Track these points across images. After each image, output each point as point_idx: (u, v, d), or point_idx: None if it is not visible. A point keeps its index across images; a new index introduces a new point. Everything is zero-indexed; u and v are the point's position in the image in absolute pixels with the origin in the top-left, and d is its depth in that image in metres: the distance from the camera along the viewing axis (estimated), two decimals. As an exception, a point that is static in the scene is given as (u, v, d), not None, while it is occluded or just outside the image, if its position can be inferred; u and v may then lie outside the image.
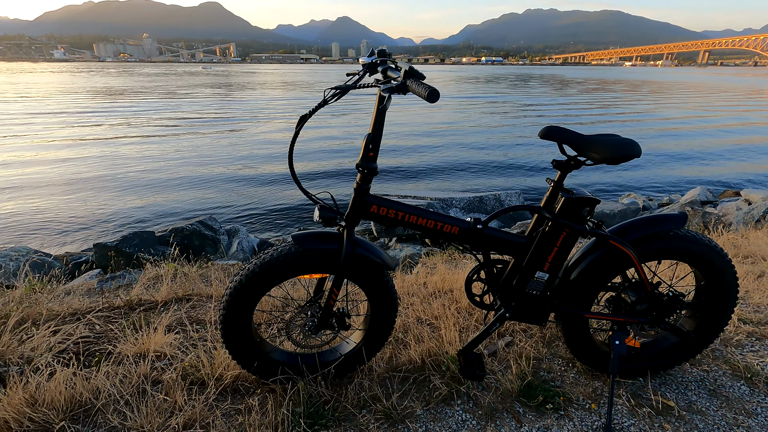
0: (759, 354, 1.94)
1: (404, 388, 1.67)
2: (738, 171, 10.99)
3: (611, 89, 43.03)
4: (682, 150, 13.39)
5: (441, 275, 2.74)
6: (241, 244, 5.00)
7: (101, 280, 3.15)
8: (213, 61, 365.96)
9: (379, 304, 1.60)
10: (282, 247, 1.47)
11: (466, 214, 6.07)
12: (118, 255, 4.19)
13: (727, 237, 3.88)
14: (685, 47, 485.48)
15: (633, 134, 16.36)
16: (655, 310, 1.61)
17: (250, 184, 9.11)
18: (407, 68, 1.22)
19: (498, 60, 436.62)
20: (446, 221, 1.49)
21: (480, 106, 26.07)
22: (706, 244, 1.54)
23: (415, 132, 15.67)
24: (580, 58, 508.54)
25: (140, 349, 1.86)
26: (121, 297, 2.53)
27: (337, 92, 1.31)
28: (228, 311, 1.48)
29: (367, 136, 1.33)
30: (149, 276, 2.98)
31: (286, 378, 1.61)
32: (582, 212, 1.47)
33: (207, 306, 2.38)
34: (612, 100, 30.36)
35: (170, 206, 7.70)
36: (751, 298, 2.50)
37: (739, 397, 1.67)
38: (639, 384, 1.73)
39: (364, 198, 1.42)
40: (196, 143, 13.41)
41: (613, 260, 1.54)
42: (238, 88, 41.28)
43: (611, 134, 1.44)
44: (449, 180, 9.77)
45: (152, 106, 23.62)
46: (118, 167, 10.34)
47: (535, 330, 2.09)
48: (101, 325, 2.14)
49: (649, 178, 10.25)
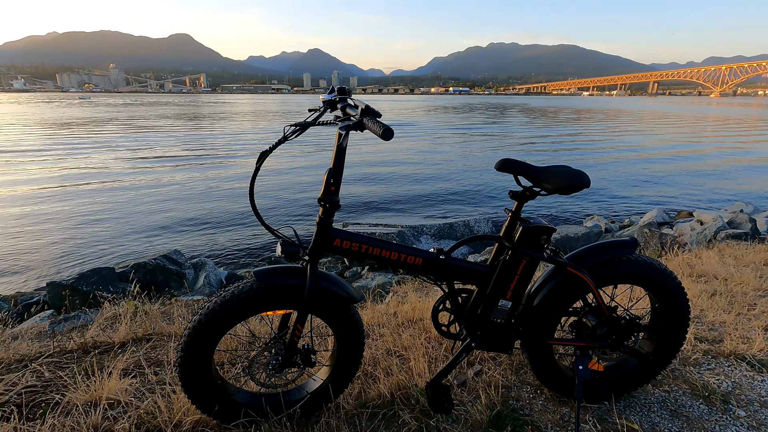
0: (715, 372, 2.02)
1: (373, 425, 1.63)
2: (690, 192, 11.69)
3: (579, 117, 45.33)
4: (640, 173, 14.14)
5: (411, 304, 2.73)
6: (208, 277, 4.85)
7: (53, 322, 2.97)
8: (183, 91, 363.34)
9: (345, 339, 1.58)
10: (243, 284, 1.44)
11: (437, 241, 6.14)
12: (74, 294, 3.97)
13: (683, 257, 4.07)
14: (636, 78, 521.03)
15: (594, 158, 17.24)
16: (614, 334, 1.65)
17: (218, 216, 8.92)
18: (364, 107, 1.25)
19: (465, 90, 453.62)
20: (409, 252, 1.50)
21: (462, 135, 26.79)
22: (656, 267, 1.61)
23: (390, 160, 15.91)
24: (542, 88, 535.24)
25: (92, 396, 1.74)
26: (74, 340, 2.38)
27: (297, 129, 1.33)
28: (186, 353, 1.42)
29: (328, 171, 1.34)
30: (107, 316, 2.83)
31: (249, 421, 1.55)
32: (540, 240, 1.52)
33: (168, 346, 2.27)
34: (575, 127, 31.94)
35: (132, 241, 7.41)
36: (706, 316, 2.61)
37: (698, 417, 1.71)
38: (604, 408, 1.75)
39: (327, 231, 1.42)
40: (158, 177, 13.06)
41: (572, 286, 1.58)
42: (203, 118, 40.95)
43: (563, 165, 1.51)
44: (420, 207, 9.89)
45: (113, 138, 23.07)
46: (76, 202, 9.93)
47: (503, 357, 2.10)
48: (50, 372, 2.00)
49: (610, 200, 10.73)
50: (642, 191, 11.82)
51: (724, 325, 2.50)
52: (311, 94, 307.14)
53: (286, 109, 62.90)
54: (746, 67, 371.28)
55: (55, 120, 35.15)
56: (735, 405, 1.78)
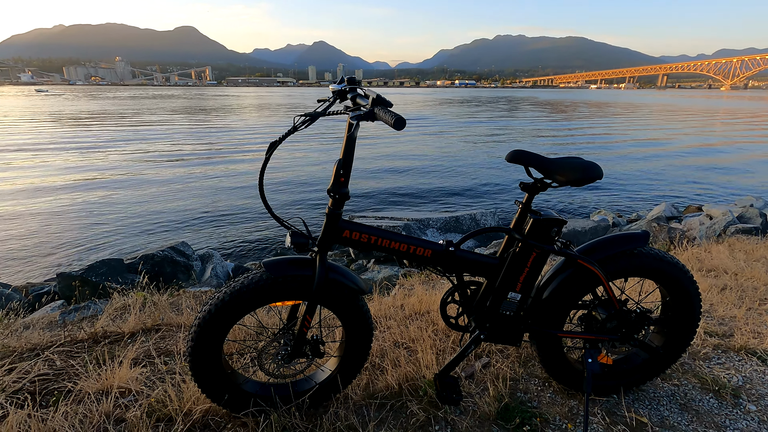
0: (725, 366, 2.00)
1: (381, 416, 1.64)
2: (699, 187, 11.55)
3: (587, 111, 44.85)
4: (649, 168, 13.99)
5: (418, 297, 2.73)
6: (215, 269, 4.88)
7: (64, 312, 3.00)
8: (188, 84, 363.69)
9: (354, 330, 1.58)
10: (253, 275, 1.44)
11: (443, 234, 6.13)
12: (84, 285, 4.01)
13: (692, 252, 4.04)
14: (645, 71, 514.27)
15: (601, 153, 17.07)
16: (624, 327, 1.64)
17: (225, 209, 8.95)
18: (375, 96, 1.24)
19: (471, 83, 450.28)
20: (419, 244, 1.49)
21: (469, 129, 26.59)
22: (668, 261, 1.59)
23: (396, 153, 15.86)
24: (549, 81, 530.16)
25: (103, 385, 1.76)
26: (84, 330, 2.41)
27: (307, 119, 1.32)
28: (197, 343, 1.43)
29: (337, 162, 1.34)
30: (116, 306, 2.86)
31: (259, 410, 1.56)
32: (550, 233, 1.51)
33: (177, 336, 2.29)
34: (582, 121, 31.62)
35: (141, 234, 7.47)
36: (716, 311, 2.59)
37: (708, 411, 1.70)
38: (613, 401, 1.74)
39: (337, 223, 1.42)
40: (165, 170, 13.11)
41: (582, 279, 1.57)
42: (210, 111, 40.97)
43: (575, 157, 1.49)
44: (427, 200, 9.87)
45: (121, 134, 23.18)
46: (87, 195, 10.01)
47: (512, 350, 2.09)
48: (62, 360, 2.02)
49: (618, 195, 10.63)
50: (650, 185, 11.70)
51: (735, 319, 2.48)
52: (316, 86, 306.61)
53: (292, 102, 62.78)
54: (758, 60, 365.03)
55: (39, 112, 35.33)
56: (746, 399, 1.77)
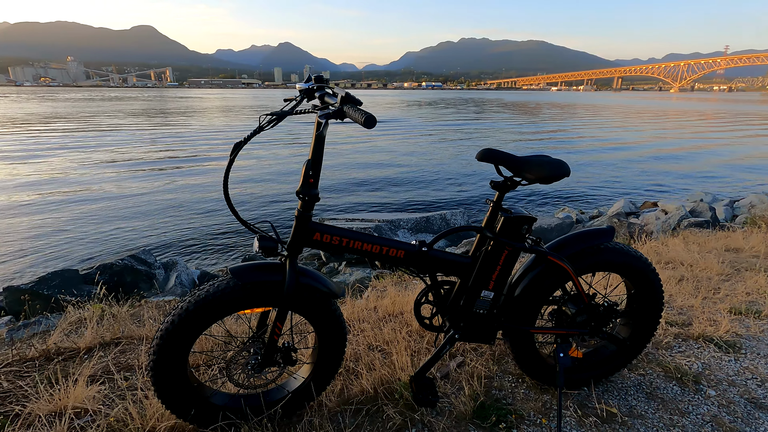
0: (686, 354, 2.09)
1: (357, 422, 1.60)
2: (653, 182, 12.19)
3: (549, 111, 46.35)
4: (606, 165, 14.62)
5: (391, 298, 2.71)
6: (180, 277, 4.68)
7: (12, 329, 2.79)
8: (147, 85, 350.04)
9: (327, 335, 1.53)
10: (219, 282, 1.38)
11: (414, 235, 6.15)
12: (34, 298, 3.75)
13: (650, 245, 4.22)
14: (602, 74, 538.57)
15: (565, 149, 17.70)
16: (593, 321, 1.68)
17: (189, 214, 8.63)
18: (344, 94, 1.21)
19: (437, 85, 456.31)
20: (392, 245, 1.47)
21: (439, 132, 26.88)
22: (633, 254, 1.65)
23: (366, 155, 15.82)
24: (513, 84, 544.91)
25: (56, 406, 1.64)
26: (35, 347, 2.24)
27: (273, 118, 1.27)
28: (159, 356, 1.35)
29: (306, 162, 1.29)
30: (71, 320, 2.67)
31: (228, 424, 1.49)
32: (521, 230, 1.52)
33: (138, 349, 2.16)
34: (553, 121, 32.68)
35: (97, 242, 7.08)
36: (675, 301, 2.71)
37: (672, 398, 1.77)
38: (584, 393, 1.78)
39: (307, 225, 1.37)
40: (121, 175, 12.53)
41: (553, 275, 1.60)
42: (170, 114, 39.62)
43: (543, 155, 1.51)
44: (397, 201, 9.89)
45: (74, 135, 22.01)
46: (38, 204, 9.41)
47: (485, 348, 2.10)
48: (9, 381, 1.87)
49: (579, 192, 11.04)
50: (608, 182, 12.23)
51: (692, 309, 2.60)
52: (283, 88, 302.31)
53: (258, 103, 61.57)
54: (702, 64, 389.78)
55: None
56: (705, 385, 1.85)
